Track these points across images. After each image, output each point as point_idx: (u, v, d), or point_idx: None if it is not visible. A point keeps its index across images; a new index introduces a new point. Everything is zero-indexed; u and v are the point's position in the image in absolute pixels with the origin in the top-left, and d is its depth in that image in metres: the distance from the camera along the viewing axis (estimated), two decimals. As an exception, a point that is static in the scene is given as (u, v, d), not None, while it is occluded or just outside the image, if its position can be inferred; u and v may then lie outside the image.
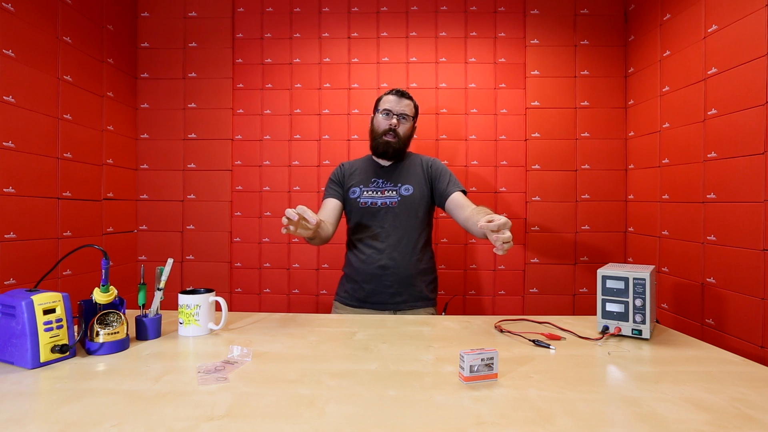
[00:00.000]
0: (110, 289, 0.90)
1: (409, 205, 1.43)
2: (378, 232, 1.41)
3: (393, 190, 1.45)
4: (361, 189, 1.47)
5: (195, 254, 2.17)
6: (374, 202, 1.44)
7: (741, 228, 1.39)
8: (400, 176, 1.48)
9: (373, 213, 1.43)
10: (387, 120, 1.45)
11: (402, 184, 1.46)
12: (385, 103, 1.48)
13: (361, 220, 1.45)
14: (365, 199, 1.45)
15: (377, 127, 1.47)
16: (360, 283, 1.40)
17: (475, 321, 1.15)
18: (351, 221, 1.49)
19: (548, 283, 2.13)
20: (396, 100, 1.47)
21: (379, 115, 1.48)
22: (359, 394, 0.70)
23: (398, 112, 1.46)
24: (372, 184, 1.47)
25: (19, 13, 1.50)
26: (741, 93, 1.40)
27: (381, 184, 1.47)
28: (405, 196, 1.44)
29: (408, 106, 1.48)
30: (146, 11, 2.17)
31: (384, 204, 1.43)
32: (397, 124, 1.45)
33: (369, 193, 1.46)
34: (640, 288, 0.98)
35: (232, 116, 2.18)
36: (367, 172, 1.51)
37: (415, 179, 1.48)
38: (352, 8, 2.18)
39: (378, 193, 1.45)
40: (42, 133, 1.59)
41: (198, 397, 0.68)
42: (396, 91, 1.49)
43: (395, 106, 1.46)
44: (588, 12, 2.14)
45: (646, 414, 0.64)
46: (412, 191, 1.45)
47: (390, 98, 1.48)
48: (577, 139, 2.13)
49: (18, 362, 0.80)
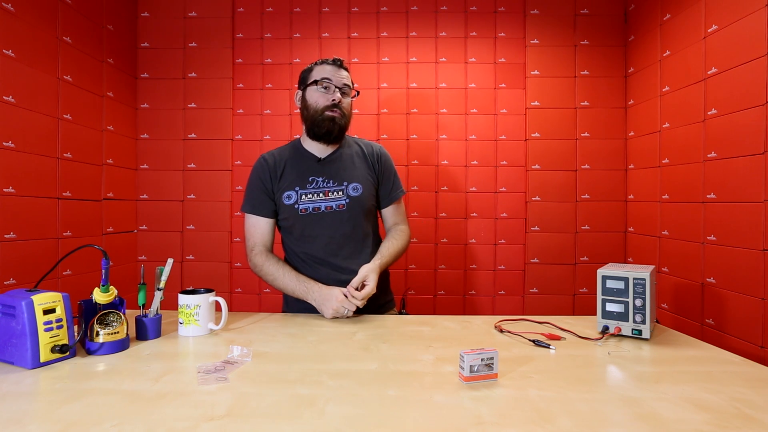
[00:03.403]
0: (110, 289, 0.90)
1: (359, 206, 1.24)
2: (327, 243, 1.21)
3: (338, 190, 1.22)
4: (298, 192, 1.21)
5: (195, 254, 2.16)
6: (317, 207, 1.21)
7: (741, 228, 1.39)
8: (342, 171, 1.25)
9: (317, 220, 1.21)
10: (328, 94, 1.21)
11: (348, 183, 1.23)
12: (320, 73, 1.22)
13: (304, 230, 1.22)
14: (305, 205, 1.21)
15: (314, 102, 1.21)
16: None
17: (475, 321, 1.15)
18: (291, 231, 1.25)
19: (548, 283, 2.13)
20: (334, 69, 1.23)
21: (314, 87, 1.22)
22: (359, 394, 0.70)
23: (340, 84, 1.22)
24: (310, 184, 1.22)
25: (19, 13, 1.50)
26: (741, 93, 1.40)
27: (322, 184, 1.22)
28: (354, 197, 1.23)
29: (348, 78, 1.25)
30: (146, 11, 2.17)
31: (329, 208, 1.21)
32: (340, 99, 1.21)
33: (309, 197, 1.21)
34: (640, 288, 0.98)
35: (232, 116, 2.18)
36: (300, 168, 1.24)
37: (361, 175, 1.26)
38: (352, 8, 2.18)
39: (320, 195, 1.21)
40: (42, 133, 1.59)
41: (198, 397, 0.68)
42: (333, 60, 1.24)
43: (335, 76, 1.22)
44: (588, 12, 2.14)
45: (646, 414, 0.64)
46: (361, 191, 1.24)
47: (326, 68, 1.23)
48: (577, 139, 2.13)
49: (18, 362, 0.80)
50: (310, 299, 1.16)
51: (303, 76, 1.28)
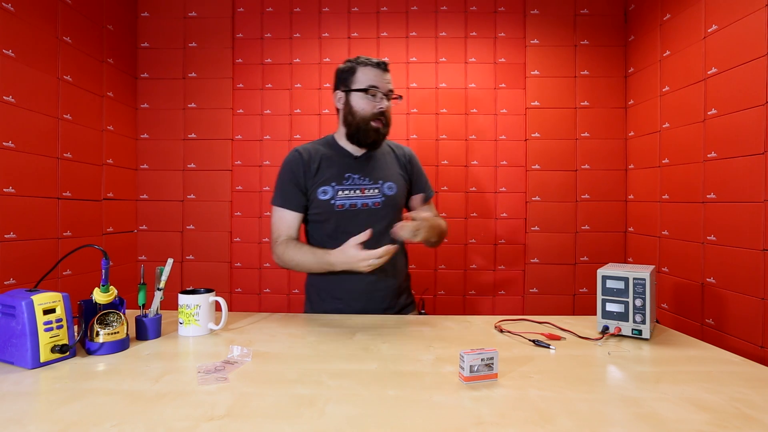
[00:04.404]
0: (110, 289, 0.90)
1: (393, 205, 1.25)
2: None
3: (374, 188, 1.23)
4: (334, 188, 1.21)
5: (195, 254, 2.16)
6: (353, 204, 1.21)
7: (741, 228, 1.39)
8: (378, 170, 1.26)
9: (352, 217, 1.21)
10: (375, 102, 1.19)
11: (384, 181, 1.25)
12: (367, 78, 1.19)
13: (339, 225, 1.21)
14: (342, 201, 1.20)
15: (361, 110, 1.19)
16: (348, 302, 1.22)
17: (475, 321, 1.15)
18: (323, 226, 1.23)
19: (548, 283, 2.13)
20: (380, 74, 1.20)
21: (360, 94, 1.19)
22: (359, 394, 0.70)
23: (385, 90, 1.20)
24: (346, 181, 1.22)
25: (19, 13, 1.50)
26: (741, 93, 1.40)
27: (358, 181, 1.22)
28: (389, 196, 1.24)
29: (391, 82, 1.23)
30: (146, 11, 2.17)
31: (365, 206, 1.21)
32: (387, 108, 1.21)
33: (345, 193, 1.21)
34: (640, 288, 0.98)
35: (232, 116, 2.18)
36: (337, 164, 1.24)
37: (395, 174, 1.28)
38: (352, 8, 2.18)
39: (356, 192, 1.22)
40: (42, 133, 1.59)
41: (198, 397, 0.68)
42: (378, 64, 1.21)
43: (381, 82, 1.20)
44: (588, 12, 2.14)
45: (646, 414, 0.64)
46: (396, 190, 1.26)
47: (371, 72, 1.20)
48: (577, 139, 2.13)
49: (18, 362, 0.80)
50: (336, 266, 1.11)
51: (344, 77, 1.23)
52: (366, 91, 1.19)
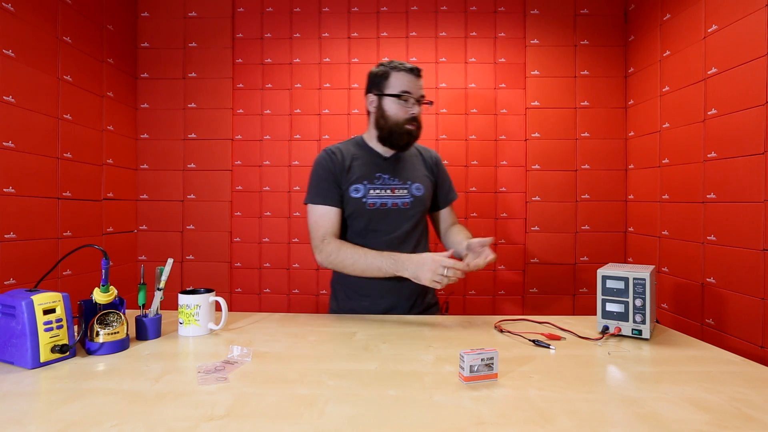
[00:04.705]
0: (110, 289, 0.90)
1: (420, 206, 1.28)
2: (389, 239, 1.24)
3: (403, 188, 1.27)
4: (366, 186, 1.24)
5: (195, 254, 2.16)
6: (384, 203, 1.24)
7: (741, 228, 1.39)
8: (406, 171, 1.29)
9: (382, 216, 1.24)
10: (407, 107, 1.22)
11: (412, 182, 1.28)
12: (401, 83, 1.22)
13: (369, 224, 1.24)
14: (373, 200, 1.23)
15: (394, 115, 1.22)
16: (375, 299, 1.24)
17: (475, 321, 1.15)
18: (353, 224, 1.26)
19: (548, 283, 2.13)
20: (414, 80, 1.23)
21: (393, 99, 1.22)
22: (359, 394, 0.70)
23: (418, 95, 1.24)
24: (377, 180, 1.25)
25: (19, 13, 1.50)
26: (741, 93, 1.40)
27: (388, 181, 1.26)
28: (418, 197, 1.28)
29: (422, 87, 1.26)
30: (146, 11, 2.17)
31: (395, 205, 1.25)
32: (419, 113, 1.24)
33: (376, 192, 1.24)
34: (640, 288, 0.98)
35: (232, 116, 2.18)
36: (368, 164, 1.27)
37: (422, 176, 1.32)
38: (352, 8, 2.18)
39: (387, 191, 1.25)
40: (42, 133, 1.59)
41: (198, 397, 0.68)
42: (412, 70, 1.23)
43: (414, 88, 1.23)
44: (588, 12, 2.14)
45: (646, 414, 0.64)
46: (423, 191, 1.29)
47: (405, 78, 1.22)
48: (577, 139, 2.13)
49: (18, 362, 0.80)
50: (402, 270, 1.13)
51: (377, 81, 1.25)
52: (399, 96, 1.22)
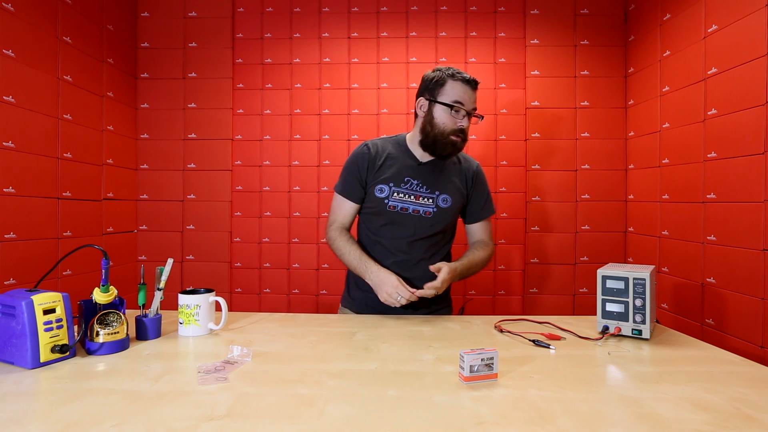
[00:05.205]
0: (110, 289, 0.90)
1: (444, 218, 1.24)
2: (405, 243, 1.23)
3: (429, 197, 1.23)
4: (391, 188, 1.22)
5: (195, 254, 2.16)
6: (404, 208, 1.22)
7: (741, 228, 1.39)
8: (438, 180, 1.25)
9: (402, 219, 1.22)
10: (456, 118, 1.18)
11: (440, 193, 1.24)
12: (455, 93, 1.18)
13: (386, 223, 1.24)
14: (395, 203, 1.21)
15: (442, 123, 1.18)
16: None
17: (475, 321, 1.15)
18: (374, 219, 1.26)
19: (548, 283, 2.13)
20: (470, 92, 1.19)
21: (444, 107, 1.18)
22: (359, 394, 0.70)
23: (470, 108, 1.20)
24: (405, 184, 1.23)
25: (19, 13, 1.50)
26: (741, 93, 1.40)
27: (415, 187, 1.23)
28: (442, 209, 1.24)
29: (476, 101, 1.22)
30: (146, 11, 2.17)
31: (416, 212, 1.22)
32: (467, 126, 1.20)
33: (400, 196, 1.22)
34: (640, 288, 0.98)
35: (232, 116, 2.18)
36: (399, 165, 1.24)
37: (453, 188, 1.26)
38: (352, 8, 2.18)
39: (411, 197, 1.22)
40: (42, 133, 1.59)
41: (198, 397, 0.68)
42: (469, 81, 1.19)
43: (467, 100, 1.19)
44: (588, 12, 2.14)
45: (646, 414, 0.64)
46: (450, 203, 1.24)
47: (460, 88, 1.18)
48: (577, 139, 2.13)
49: (18, 362, 0.80)
50: (367, 278, 1.18)
51: (430, 86, 1.21)
52: (451, 107, 1.18)
